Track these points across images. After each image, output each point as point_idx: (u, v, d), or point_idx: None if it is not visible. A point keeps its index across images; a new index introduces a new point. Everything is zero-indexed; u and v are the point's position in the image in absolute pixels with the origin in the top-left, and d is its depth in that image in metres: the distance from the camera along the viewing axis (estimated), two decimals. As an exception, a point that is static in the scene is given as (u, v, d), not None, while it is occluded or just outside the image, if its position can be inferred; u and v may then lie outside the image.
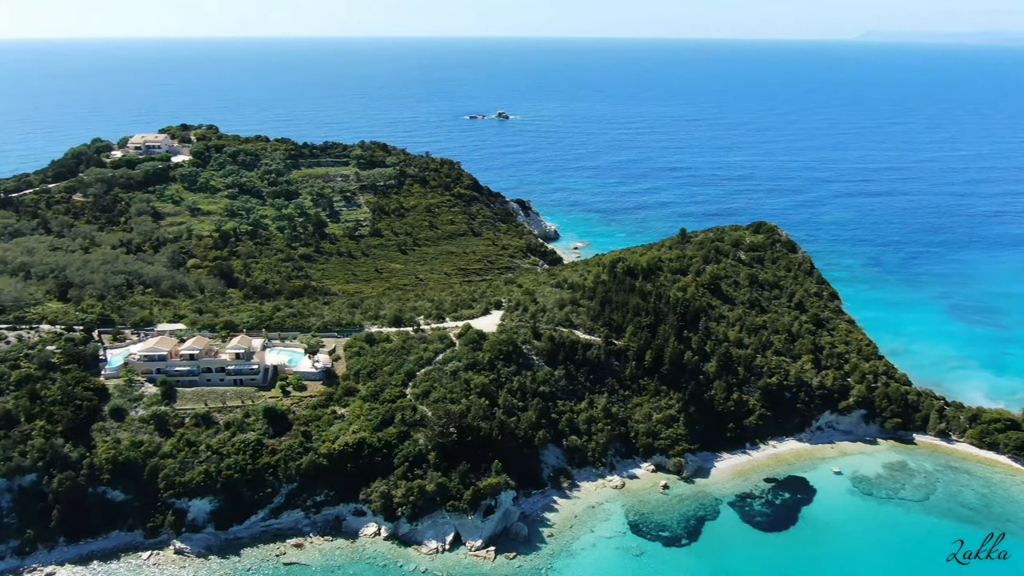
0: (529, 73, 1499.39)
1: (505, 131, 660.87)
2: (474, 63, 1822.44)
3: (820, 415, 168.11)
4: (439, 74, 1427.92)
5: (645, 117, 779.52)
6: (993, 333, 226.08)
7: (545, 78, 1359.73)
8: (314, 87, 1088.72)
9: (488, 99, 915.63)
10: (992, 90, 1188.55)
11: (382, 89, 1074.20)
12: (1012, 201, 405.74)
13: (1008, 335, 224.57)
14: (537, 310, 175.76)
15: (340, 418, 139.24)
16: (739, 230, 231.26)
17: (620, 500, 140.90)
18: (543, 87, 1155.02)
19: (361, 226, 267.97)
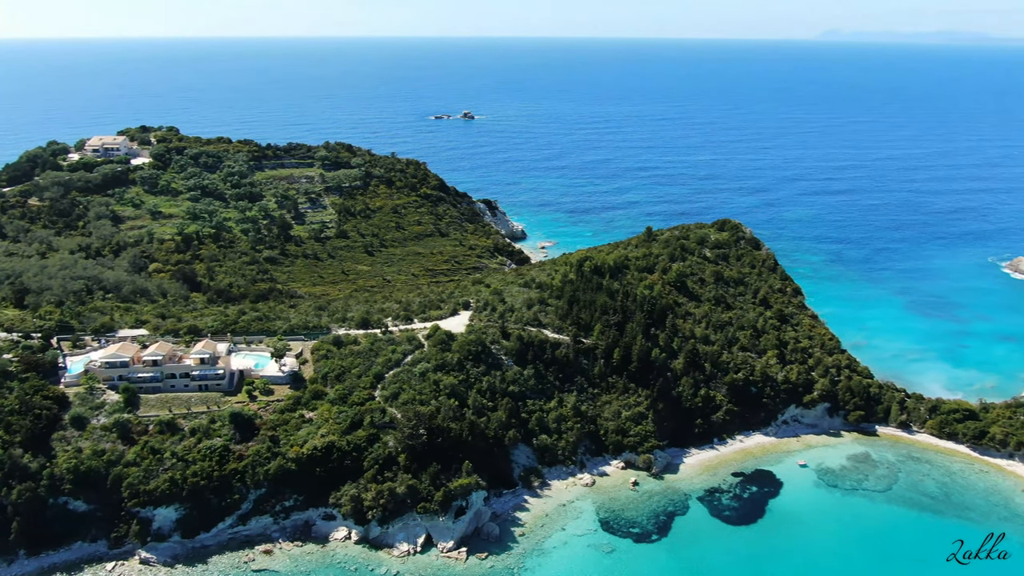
0: (494, 73, 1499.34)
1: (471, 131, 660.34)
2: (438, 63, 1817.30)
3: (785, 409, 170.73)
4: (403, 74, 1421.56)
5: (610, 116, 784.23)
6: (951, 326, 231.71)
7: (510, 78, 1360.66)
8: (278, 88, 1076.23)
9: (453, 99, 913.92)
10: (951, 89, 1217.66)
11: (347, 89, 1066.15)
12: (970, 198, 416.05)
13: (965, 328, 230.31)
14: (505, 310, 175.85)
15: (308, 422, 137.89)
16: (704, 228, 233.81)
17: (591, 498, 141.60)
18: (508, 87, 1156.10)
19: (327, 228, 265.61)
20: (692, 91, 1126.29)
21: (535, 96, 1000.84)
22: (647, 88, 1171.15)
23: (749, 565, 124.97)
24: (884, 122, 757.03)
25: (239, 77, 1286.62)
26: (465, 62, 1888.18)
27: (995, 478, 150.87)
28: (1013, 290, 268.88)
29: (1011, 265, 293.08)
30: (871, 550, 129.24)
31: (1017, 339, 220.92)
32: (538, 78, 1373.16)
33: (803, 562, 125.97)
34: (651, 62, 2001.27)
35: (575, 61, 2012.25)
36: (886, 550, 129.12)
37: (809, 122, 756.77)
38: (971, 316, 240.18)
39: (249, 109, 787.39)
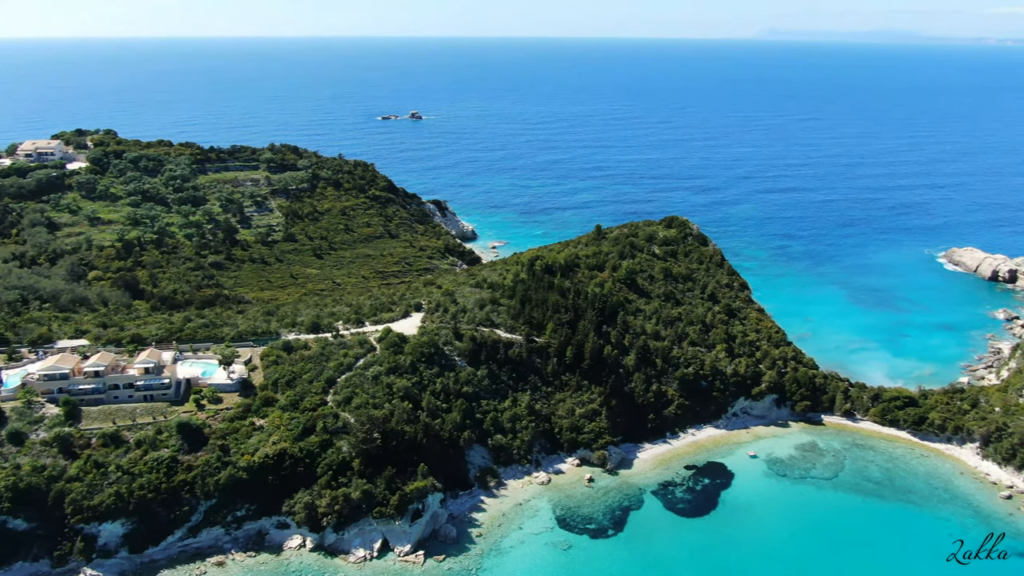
0: (443, 73, 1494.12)
1: (419, 132, 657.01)
2: (384, 63, 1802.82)
3: (735, 402, 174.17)
4: (349, 74, 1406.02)
5: (560, 116, 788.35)
6: (890, 316, 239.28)
7: (460, 78, 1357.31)
8: (222, 89, 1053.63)
9: (401, 99, 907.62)
10: (889, 86, 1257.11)
11: (292, 90, 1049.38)
12: (908, 193, 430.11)
13: (904, 318, 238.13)
14: (458, 311, 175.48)
15: (259, 429, 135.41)
16: (652, 225, 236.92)
17: (547, 496, 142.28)
18: (457, 87, 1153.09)
19: (274, 231, 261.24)
20: (640, 90, 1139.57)
21: (485, 96, 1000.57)
22: (595, 87, 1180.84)
23: (703, 556, 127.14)
24: (827, 120, 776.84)
25: (182, 78, 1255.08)
26: (412, 62, 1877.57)
27: (935, 462, 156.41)
28: (948, 281, 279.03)
29: (946, 256, 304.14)
30: (820, 536, 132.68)
31: (953, 328, 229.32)
32: (488, 78, 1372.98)
33: (755, 550, 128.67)
34: (598, 62, 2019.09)
35: (524, 60, 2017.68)
36: (834, 536, 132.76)
37: (755, 120, 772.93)
38: (909, 306, 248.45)
39: (191, 111, 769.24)
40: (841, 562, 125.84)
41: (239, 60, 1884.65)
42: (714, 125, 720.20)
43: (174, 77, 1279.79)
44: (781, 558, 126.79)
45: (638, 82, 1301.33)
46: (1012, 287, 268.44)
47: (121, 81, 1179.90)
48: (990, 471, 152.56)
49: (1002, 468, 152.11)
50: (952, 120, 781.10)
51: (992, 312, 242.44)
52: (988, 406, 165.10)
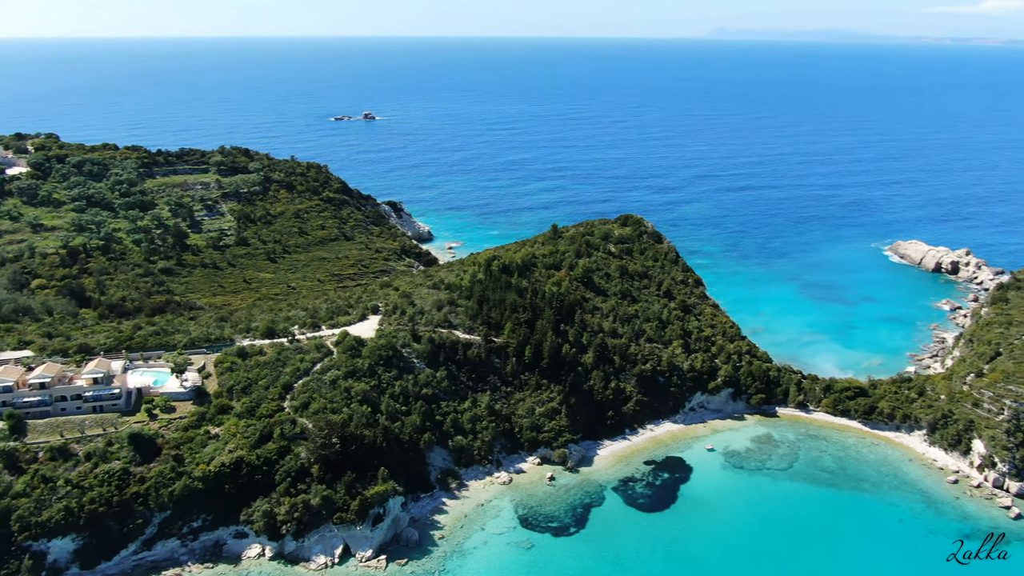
0: (396, 73, 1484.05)
1: (373, 132, 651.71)
2: (336, 63, 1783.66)
3: (692, 396, 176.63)
4: (300, 75, 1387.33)
5: (515, 116, 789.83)
6: (840, 309, 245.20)
7: (413, 78, 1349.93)
8: (168, 90, 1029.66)
9: (353, 100, 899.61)
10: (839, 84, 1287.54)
11: (243, 91, 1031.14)
12: (856, 190, 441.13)
13: (852, 310, 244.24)
14: (415, 312, 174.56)
15: (214, 438, 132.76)
16: (608, 224, 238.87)
17: (508, 495, 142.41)
18: (410, 87, 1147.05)
19: (226, 235, 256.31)
20: (596, 90, 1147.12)
21: (439, 96, 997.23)
22: (549, 87, 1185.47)
23: (664, 549, 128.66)
24: (778, 118, 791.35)
25: (128, 80, 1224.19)
26: (365, 62, 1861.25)
27: (885, 450, 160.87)
28: (894, 273, 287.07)
29: (892, 249, 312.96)
30: (776, 526, 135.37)
31: (899, 319, 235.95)
32: (441, 77, 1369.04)
33: (714, 542, 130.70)
34: (553, 62, 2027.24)
35: (477, 61, 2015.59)
36: (790, 525, 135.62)
37: (708, 119, 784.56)
38: (857, 299, 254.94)
39: (138, 114, 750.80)
40: (798, 551, 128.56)
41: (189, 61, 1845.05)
42: (669, 124, 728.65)
43: (122, 79, 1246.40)
44: (740, 549, 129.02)
45: (594, 82, 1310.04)
46: (954, 278, 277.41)
47: (65, 83, 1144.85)
48: (937, 457, 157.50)
49: (948, 454, 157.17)
50: (900, 118, 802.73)
51: (936, 303, 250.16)
52: (934, 394, 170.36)
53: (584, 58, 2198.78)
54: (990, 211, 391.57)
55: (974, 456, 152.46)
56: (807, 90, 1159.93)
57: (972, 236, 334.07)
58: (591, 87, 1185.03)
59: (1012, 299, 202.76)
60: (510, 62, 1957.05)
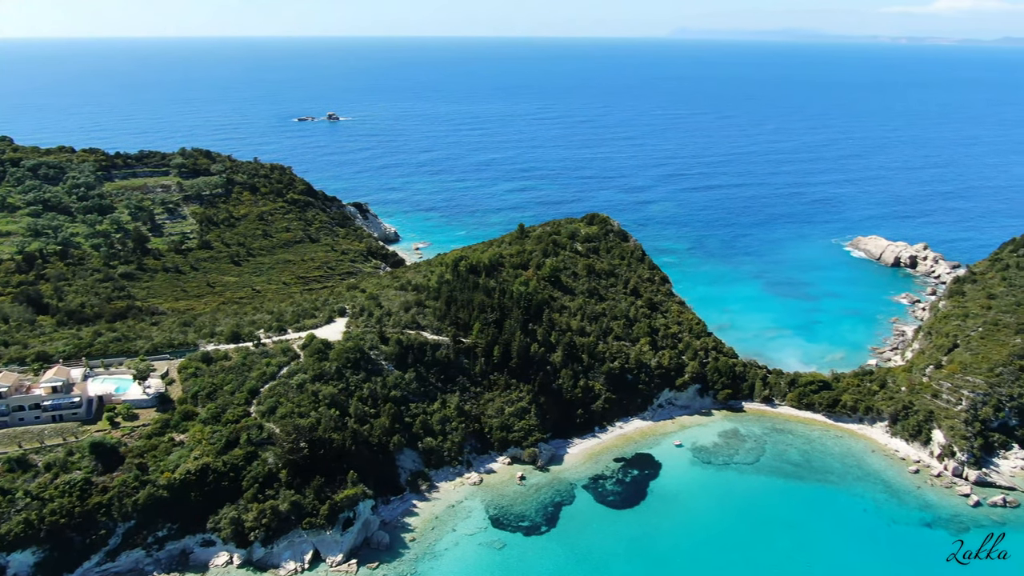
0: (361, 73, 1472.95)
1: (337, 133, 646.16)
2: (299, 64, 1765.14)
3: (660, 393, 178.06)
4: (263, 75, 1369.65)
5: (481, 116, 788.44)
6: (803, 304, 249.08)
7: (378, 78, 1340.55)
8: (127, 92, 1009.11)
9: (317, 100, 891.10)
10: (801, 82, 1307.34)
11: (203, 92, 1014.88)
12: (819, 187, 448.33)
13: (815, 305, 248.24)
14: (383, 314, 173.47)
15: (179, 445, 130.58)
16: (574, 223, 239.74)
17: (479, 496, 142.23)
18: (375, 87, 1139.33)
19: (188, 239, 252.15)
20: (559, 89, 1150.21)
21: (404, 96, 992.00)
22: (514, 86, 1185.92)
23: (635, 545, 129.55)
24: (743, 117, 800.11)
25: (84, 81, 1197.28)
26: (328, 62, 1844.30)
27: (849, 442, 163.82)
28: (855, 268, 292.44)
29: (852, 245, 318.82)
30: (745, 520, 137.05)
31: (860, 313, 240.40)
32: (407, 77, 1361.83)
33: (684, 537, 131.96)
34: (517, 60, 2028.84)
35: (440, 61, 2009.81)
36: (758, 518, 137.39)
37: (673, 118, 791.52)
38: (820, 293, 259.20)
39: (95, 116, 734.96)
40: (766, 543, 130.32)
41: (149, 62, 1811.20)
42: (635, 124, 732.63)
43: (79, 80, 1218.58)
44: (709, 543, 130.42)
45: (559, 82, 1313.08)
46: (913, 272, 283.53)
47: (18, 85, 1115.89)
48: (898, 448, 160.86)
49: (909, 444, 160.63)
50: (862, 116, 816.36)
51: (896, 297, 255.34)
52: (895, 386, 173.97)
53: (546, 58, 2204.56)
54: (947, 206, 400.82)
55: (934, 446, 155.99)
56: (771, 89, 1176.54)
57: (930, 231, 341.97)
58: (557, 87, 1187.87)
59: (968, 292, 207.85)
60: (473, 62, 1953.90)
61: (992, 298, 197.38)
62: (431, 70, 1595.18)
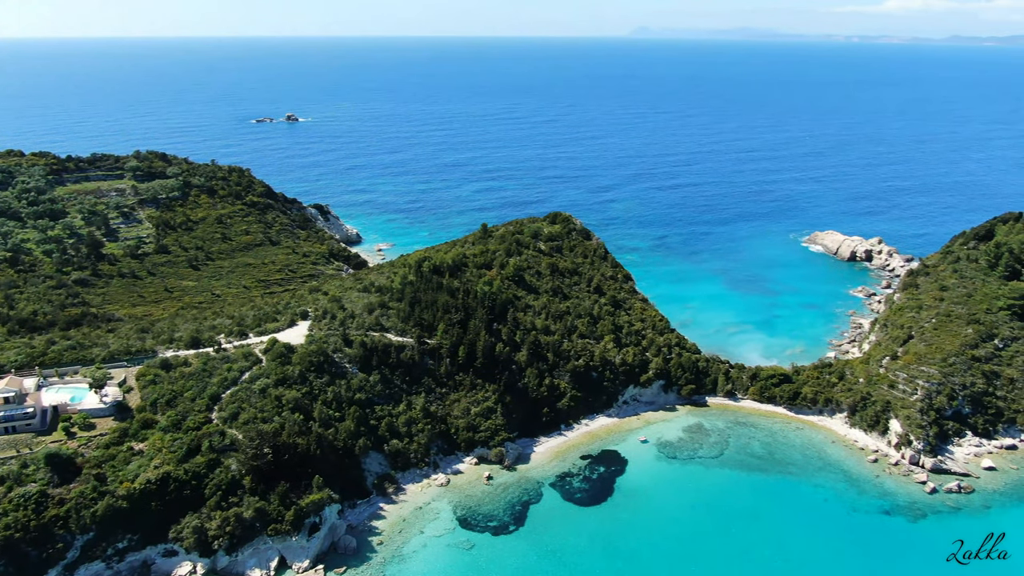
0: (319, 74, 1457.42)
1: (296, 134, 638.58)
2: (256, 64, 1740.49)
3: (625, 390, 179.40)
4: (219, 76, 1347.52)
5: (441, 115, 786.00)
6: (763, 299, 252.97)
7: (337, 79, 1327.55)
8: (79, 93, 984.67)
9: (275, 102, 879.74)
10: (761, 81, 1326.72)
11: (159, 93, 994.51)
12: (774, 184, 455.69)
13: (775, 300, 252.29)
14: (346, 316, 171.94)
15: (139, 454, 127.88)
16: (537, 222, 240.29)
17: (447, 497, 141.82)
18: (334, 88, 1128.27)
19: (144, 243, 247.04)
20: (515, 88, 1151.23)
21: (363, 96, 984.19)
22: (476, 86, 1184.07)
23: (602, 541, 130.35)
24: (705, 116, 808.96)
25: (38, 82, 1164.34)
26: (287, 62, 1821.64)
27: (809, 433, 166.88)
28: (811, 263, 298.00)
29: (809, 240, 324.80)
30: (710, 513, 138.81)
31: (819, 306, 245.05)
32: (367, 78, 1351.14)
33: (651, 532, 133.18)
34: (478, 60, 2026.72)
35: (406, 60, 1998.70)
36: (723, 511, 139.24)
37: (634, 116, 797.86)
38: (779, 288, 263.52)
39: (47, 118, 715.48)
40: (731, 535, 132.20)
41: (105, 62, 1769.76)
42: (599, 124, 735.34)
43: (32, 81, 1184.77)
44: (675, 537, 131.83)
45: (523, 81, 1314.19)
46: (869, 266, 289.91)
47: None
48: (857, 438, 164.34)
49: (868, 434, 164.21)
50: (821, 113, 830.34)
51: (852, 290, 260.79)
52: (853, 378, 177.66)
53: (510, 58, 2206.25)
54: (902, 202, 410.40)
55: (891, 435, 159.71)
56: (731, 88, 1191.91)
57: (885, 226, 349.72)
58: (521, 87, 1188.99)
59: (922, 284, 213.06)
60: (436, 62, 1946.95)
61: (944, 290, 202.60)
62: (392, 70, 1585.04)
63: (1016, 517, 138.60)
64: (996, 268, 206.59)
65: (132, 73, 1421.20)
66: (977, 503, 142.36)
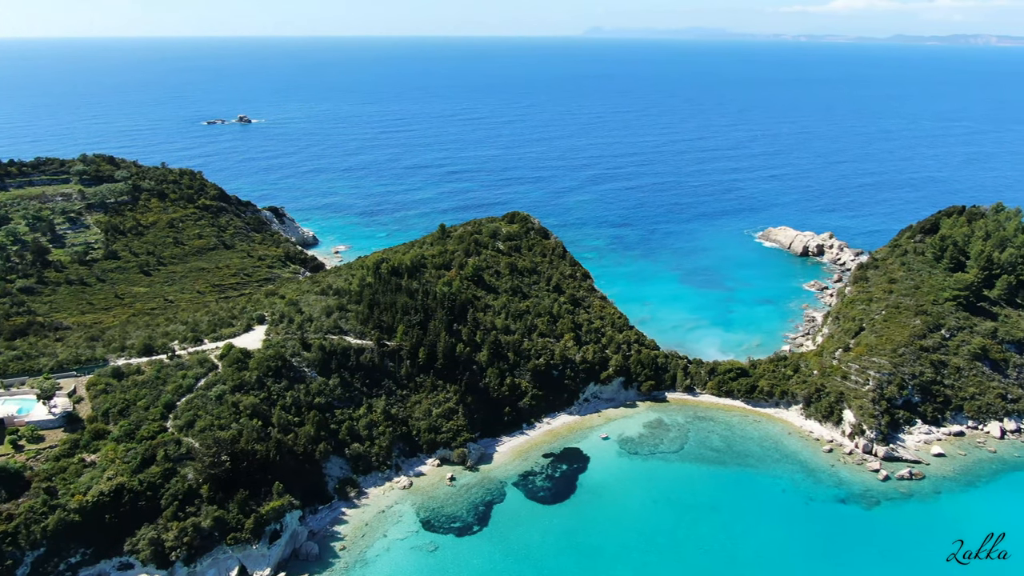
0: (271, 74, 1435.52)
1: (249, 136, 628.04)
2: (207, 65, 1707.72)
3: (585, 387, 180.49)
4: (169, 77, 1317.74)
5: (396, 115, 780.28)
6: (719, 294, 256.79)
7: (290, 79, 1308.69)
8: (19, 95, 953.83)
9: (227, 102, 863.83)
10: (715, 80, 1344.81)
11: (105, 95, 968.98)
12: (727, 180, 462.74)
13: (730, 295, 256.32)
14: (304, 320, 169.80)
15: (91, 465, 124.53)
16: (495, 221, 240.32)
17: (409, 500, 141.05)
18: (288, 88, 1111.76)
19: (92, 249, 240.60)
20: (474, 86, 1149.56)
21: (317, 97, 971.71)
22: (432, 86, 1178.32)
23: (566, 539, 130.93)
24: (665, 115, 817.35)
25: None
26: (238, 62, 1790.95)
27: (766, 426, 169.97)
28: (766, 258, 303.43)
29: (763, 235, 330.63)
30: (671, 506, 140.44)
31: (773, 301, 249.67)
32: (320, 77, 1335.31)
33: (613, 527, 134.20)
34: (433, 61, 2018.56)
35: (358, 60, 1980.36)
36: (684, 504, 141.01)
37: (584, 113, 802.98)
38: (735, 284, 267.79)
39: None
40: (692, 528, 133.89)
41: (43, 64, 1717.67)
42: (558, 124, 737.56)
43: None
44: (638, 532, 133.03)
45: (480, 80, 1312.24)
46: (820, 260, 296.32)
47: None
48: (813, 429, 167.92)
49: (822, 425, 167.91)
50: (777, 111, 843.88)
51: (806, 284, 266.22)
52: (807, 370, 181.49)
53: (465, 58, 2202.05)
54: (854, 197, 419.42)
55: (845, 425, 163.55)
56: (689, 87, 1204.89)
57: (838, 221, 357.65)
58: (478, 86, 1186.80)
59: (871, 277, 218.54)
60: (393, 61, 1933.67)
61: (893, 283, 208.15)
62: (348, 70, 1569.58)
63: (964, 501, 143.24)
64: (941, 260, 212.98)
65: (77, 74, 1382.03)
66: (928, 489, 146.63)
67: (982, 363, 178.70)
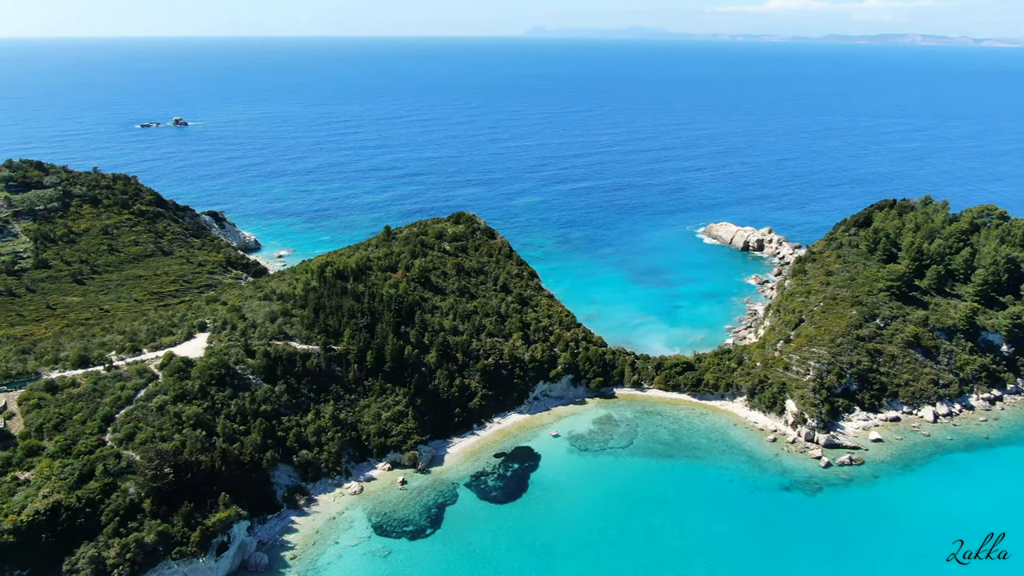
0: (208, 75, 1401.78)
1: (186, 139, 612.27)
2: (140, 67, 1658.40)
3: (535, 386, 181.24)
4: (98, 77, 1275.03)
5: (339, 117, 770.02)
6: (664, 290, 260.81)
7: (228, 81, 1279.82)
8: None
9: (161, 105, 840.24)
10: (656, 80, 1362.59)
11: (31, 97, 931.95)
12: (670, 177, 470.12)
13: (675, 291, 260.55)
14: (247, 326, 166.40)
15: (25, 483, 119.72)
16: (441, 222, 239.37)
17: (361, 505, 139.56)
18: (226, 90, 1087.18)
19: (21, 258, 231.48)
20: (417, 88, 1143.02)
21: (258, 98, 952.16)
22: (374, 87, 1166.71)
23: (520, 537, 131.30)
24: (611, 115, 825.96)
25: None
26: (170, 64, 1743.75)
27: (713, 418, 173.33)
28: (708, 253, 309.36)
29: (704, 231, 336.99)
30: (621, 501, 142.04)
31: (716, 295, 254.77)
32: (262, 79, 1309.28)
33: (566, 524, 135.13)
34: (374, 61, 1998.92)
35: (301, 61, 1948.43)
36: (634, 498, 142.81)
37: (530, 114, 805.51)
38: (679, 279, 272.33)
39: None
40: (642, 521, 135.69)
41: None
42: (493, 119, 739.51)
43: None
44: (589, 527, 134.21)
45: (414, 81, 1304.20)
46: (760, 254, 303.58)
47: None
48: (757, 419, 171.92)
49: (766, 415, 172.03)
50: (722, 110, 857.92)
51: (747, 278, 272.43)
52: (750, 362, 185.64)
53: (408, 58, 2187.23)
54: (794, 192, 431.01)
55: (788, 415, 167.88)
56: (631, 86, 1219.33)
57: (778, 216, 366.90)
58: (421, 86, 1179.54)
59: (809, 270, 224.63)
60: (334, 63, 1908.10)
61: (830, 275, 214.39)
62: (286, 72, 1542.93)
63: (901, 484, 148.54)
64: (875, 252, 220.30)
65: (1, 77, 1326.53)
66: (867, 473, 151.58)
67: (915, 350, 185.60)
